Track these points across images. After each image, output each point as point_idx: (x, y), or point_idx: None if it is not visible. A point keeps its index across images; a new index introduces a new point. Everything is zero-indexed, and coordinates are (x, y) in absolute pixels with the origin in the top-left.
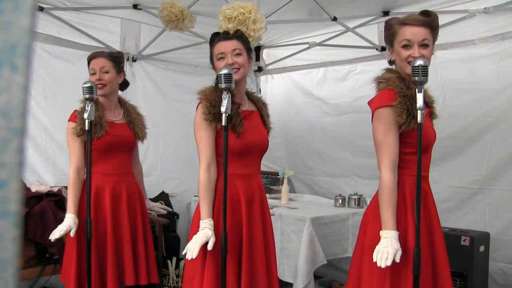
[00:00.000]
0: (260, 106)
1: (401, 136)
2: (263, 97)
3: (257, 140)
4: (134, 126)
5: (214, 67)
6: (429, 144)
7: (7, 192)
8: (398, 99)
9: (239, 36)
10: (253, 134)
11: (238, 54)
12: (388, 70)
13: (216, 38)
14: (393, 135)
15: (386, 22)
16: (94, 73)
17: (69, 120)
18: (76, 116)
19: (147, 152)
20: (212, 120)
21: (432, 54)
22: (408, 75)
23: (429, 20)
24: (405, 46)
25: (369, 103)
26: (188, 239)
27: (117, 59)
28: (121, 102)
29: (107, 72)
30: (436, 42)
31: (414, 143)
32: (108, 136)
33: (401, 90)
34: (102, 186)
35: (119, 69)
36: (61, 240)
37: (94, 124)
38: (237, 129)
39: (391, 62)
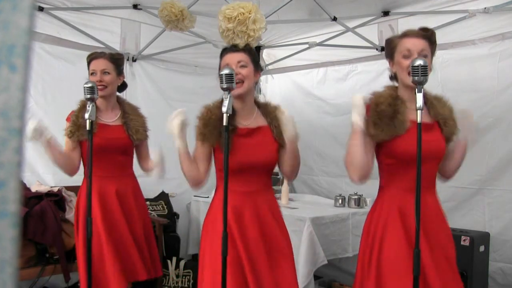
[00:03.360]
0: (270, 121)
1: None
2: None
3: (252, 159)
4: (128, 128)
5: None
6: (426, 157)
7: (6, 192)
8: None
9: (248, 49)
10: (248, 153)
11: (243, 66)
12: (387, 87)
13: (224, 51)
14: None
15: (386, 39)
16: (95, 74)
17: (66, 120)
18: (70, 118)
19: None
20: (203, 140)
21: (431, 69)
22: (408, 86)
23: (427, 34)
24: (406, 56)
25: None
26: (201, 240)
27: (117, 61)
28: (120, 103)
29: (108, 74)
30: (437, 42)
31: (393, 155)
32: (97, 139)
33: (376, 106)
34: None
35: (119, 71)
36: (61, 240)
37: (83, 126)
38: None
39: (392, 78)
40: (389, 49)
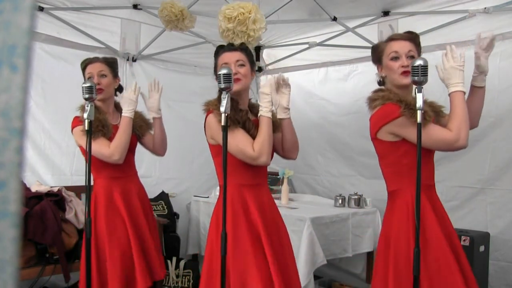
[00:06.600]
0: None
1: (403, 145)
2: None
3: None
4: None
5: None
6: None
7: (7, 192)
8: (401, 106)
9: (244, 48)
10: None
11: (242, 65)
12: (379, 90)
13: (221, 49)
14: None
15: (373, 46)
16: (92, 78)
17: (73, 127)
18: (81, 120)
19: (145, 153)
20: (232, 125)
21: None
22: (401, 87)
23: (412, 36)
24: (394, 58)
25: (373, 119)
26: (208, 236)
27: (112, 64)
28: (117, 106)
29: (105, 76)
30: (436, 42)
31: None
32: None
33: (400, 100)
34: (111, 190)
35: (115, 74)
36: (61, 240)
37: (102, 127)
38: (254, 133)
39: (380, 82)
40: (376, 54)
